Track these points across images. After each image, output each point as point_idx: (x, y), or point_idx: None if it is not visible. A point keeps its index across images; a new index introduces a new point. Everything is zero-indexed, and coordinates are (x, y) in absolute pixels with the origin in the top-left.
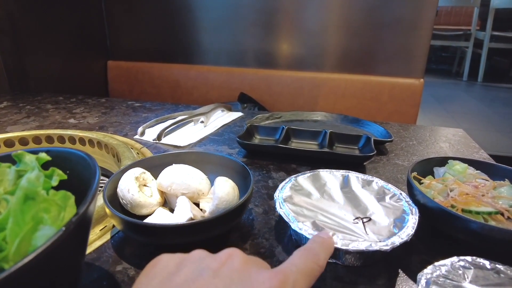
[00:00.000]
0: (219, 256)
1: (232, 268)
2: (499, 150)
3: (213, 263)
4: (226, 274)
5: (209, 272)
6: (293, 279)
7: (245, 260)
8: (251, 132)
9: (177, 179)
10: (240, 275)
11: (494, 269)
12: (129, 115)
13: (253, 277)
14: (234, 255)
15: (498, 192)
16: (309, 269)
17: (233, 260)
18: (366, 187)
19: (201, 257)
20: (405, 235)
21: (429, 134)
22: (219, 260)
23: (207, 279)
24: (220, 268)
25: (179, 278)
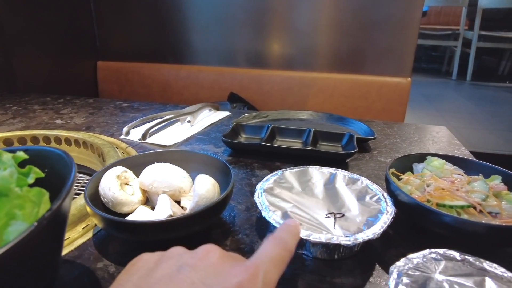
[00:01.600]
0: (197, 252)
1: (208, 263)
2: (486, 147)
3: (191, 259)
4: (202, 269)
5: (187, 267)
6: (264, 269)
7: (221, 255)
8: (237, 131)
9: (159, 177)
10: (216, 269)
11: (463, 260)
12: (117, 115)
13: (227, 271)
14: (211, 251)
15: (472, 186)
16: (278, 256)
17: (209, 256)
18: (349, 185)
19: (179, 253)
20: (371, 233)
21: (413, 132)
22: (197, 256)
23: (185, 274)
24: (197, 263)
25: (158, 273)
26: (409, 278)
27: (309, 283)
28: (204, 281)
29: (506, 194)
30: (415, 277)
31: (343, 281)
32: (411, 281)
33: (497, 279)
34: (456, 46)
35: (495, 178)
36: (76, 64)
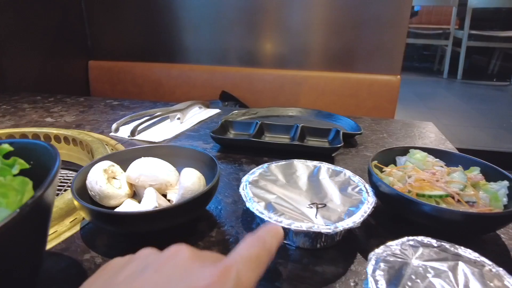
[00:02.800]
0: (165, 252)
1: (175, 264)
2: (476, 144)
3: (157, 260)
4: (167, 270)
5: (151, 269)
6: (237, 269)
7: (191, 255)
8: (226, 127)
9: (145, 171)
10: (182, 271)
11: (440, 247)
12: (107, 113)
13: (195, 273)
14: (180, 251)
15: (451, 177)
16: (255, 255)
17: (177, 256)
18: (333, 177)
19: (147, 255)
20: (351, 222)
21: (400, 128)
22: (164, 257)
23: (148, 276)
24: (163, 264)
25: (122, 276)
26: (386, 264)
27: (291, 272)
28: (168, 283)
29: (483, 185)
30: (392, 262)
31: (324, 270)
32: (388, 266)
33: (470, 263)
34: (447, 45)
35: (474, 169)
36: (67, 63)
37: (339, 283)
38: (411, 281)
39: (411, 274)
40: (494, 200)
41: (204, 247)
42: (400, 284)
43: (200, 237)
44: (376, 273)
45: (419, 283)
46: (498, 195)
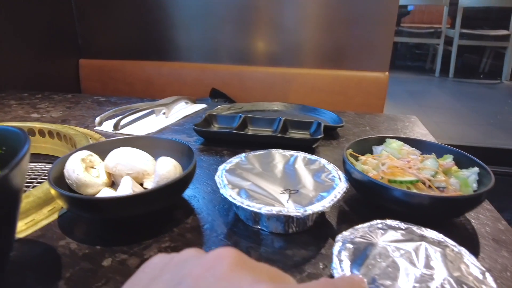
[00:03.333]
0: (206, 258)
1: (217, 275)
2: (466, 140)
3: (196, 268)
4: (208, 284)
5: (189, 282)
6: None
7: (237, 264)
8: (209, 121)
9: (122, 160)
10: (226, 285)
11: (407, 229)
12: (94, 109)
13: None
14: (224, 257)
15: (424, 164)
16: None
17: (220, 265)
18: (308, 165)
19: (187, 260)
20: (320, 206)
21: (383, 121)
22: (205, 264)
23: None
24: (203, 275)
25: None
26: (352, 245)
27: (261, 255)
28: None
29: (455, 171)
30: (358, 244)
31: (295, 253)
32: (354, 247)
33: (434, 244)
34: (439, 44)
35: (447, 157)
36: (57, 62)
37: (308, 265)
38: (375, 261)
39: (376, 255)
40: (464, 185)
41: (179, 234)
42: (364, 263)
43: (175, 224)
44: (341, 253)
45: (382, 262)
46: (468, 181)
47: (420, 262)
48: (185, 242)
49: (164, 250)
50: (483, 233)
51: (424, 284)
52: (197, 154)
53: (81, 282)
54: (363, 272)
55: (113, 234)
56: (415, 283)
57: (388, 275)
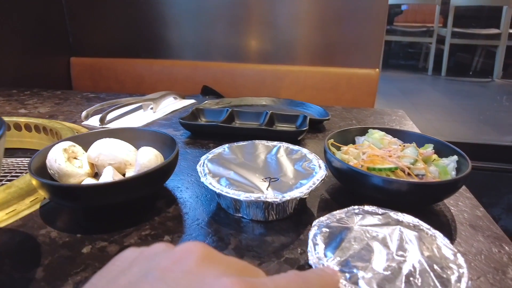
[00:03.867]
0: (175, 252)
1: (184, 269)
2: (457, 137)
3: (164, 261)
4: (174, 277)
5: (156, 274)
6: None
7: (204, 258)
8: (196, 115)
9: (105, 151)
10: (191, 279)
11: (384, 214)
12: (82, 105)
13: (208, 282)
14: (192, 252)
15: (404, 152)
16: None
17: (188, 259)
18: (289, 155)
19: (156, 253)
20: (298, 192)
21: (370, 115)
22: (173, 258)
23: (151, 282)
24: (170, 267)
25: (124, 279)
26: (328, 230)
27: (240, 241)
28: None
29: (435, 160)
30: (334, 228)
31: (274, 239)
32: (329, 231)
33: (409, 227)
34: (431, 43)
35: (428, 146)
36: (48, 60)
37: (286, 251)
38: (349, 244)
39: (351, 238)
40: (443, 173)
41: (160, 222)
42: (338, 247)
43: (157, 213)
44: (317, 237)
45: (357, 245)
46: (447, 169)
47: (394, 245)
48: (166, 230)
49: (144, 238)
50: (461, 219)
51: (396, 264)
52: (183, 147)
53: (59, 269)
54: (338, 254)
55: (94, 223)
56: (387, 263)
57: (361, 258)
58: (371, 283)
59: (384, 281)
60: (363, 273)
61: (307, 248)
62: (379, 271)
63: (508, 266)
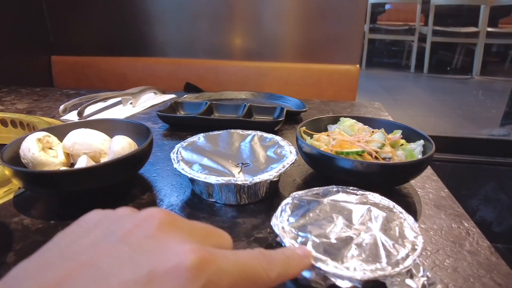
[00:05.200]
0: (138, 216)
1: (146, 233)
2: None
3: (127, 224)
4: (135, 240)
5: (118, 235)
6: (223, 267)
7: (167, 224)
8: (175, 108)
9: (79, 140)
10: (152, 243)
11: (362, 195)
12: (62, 101)
13: (169, 247)
14: (155, 217)
15: (372, 137)
16: (251, 271)
17: (151, 223)
18: (263, 142)
19: (120, 216)
20: (268, 176)
21: (346, 107)
22: (135, 221)
23: (112, 244)
24: (132, 230)
25: (86, 240)
26: (300, 201)
27: (211, 223)
28: (132, 257)
29: (403, 144)
30: (307, 200)
31: (245, 221)
32: (300, 202)
33: (381, 209)
34: (413, 41)
35: (397, 132)
36: (27, 59)
37: (256, 231)
38: (314, 214)
39: (317, 209)
40: (410, 156)
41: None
42: (303, 215)
43: (131, 200)
44: (286, 206)
45: (320, 216)
46: (414, 152)
47: (356, 220)
48: None
49: None
50: (426, 200)
51: (349, 235)
52: (161, 139)
53: (31, 253)
54: (299, 220)
55: (68, 210)
56: (341, 233)
57: (320, 226)
58: (318, 247)
59: (331, 248)
60: (315, 238)
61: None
62: (330, 238)
63: (466, 240)
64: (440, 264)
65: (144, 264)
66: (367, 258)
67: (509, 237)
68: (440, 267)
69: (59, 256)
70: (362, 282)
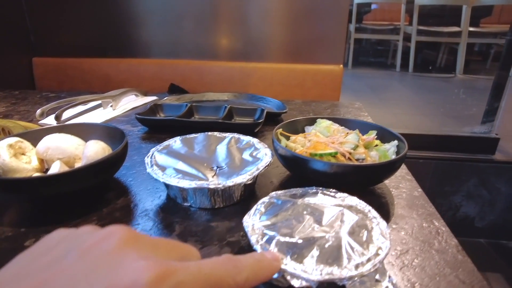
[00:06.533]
0: (98, 234)
1: (105, 249)
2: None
3: (87, 242)
4: (93, 257)
5: (77, 253)
6: (183, 279)
7: (126, 241)
8: (154, 110)
9: (53, 145)
10: (110, 260)
11: (339, 198)
12: (41, 104)
13: (125, 264)
14: (115, 234)
15: (346, 139)
16: (215, 279)
17: (110, 240)
18: (239, 145)
19: (82, 234)
20: (241, 179)
21: (327, 107)
22: (96, 238)
23: (68, 263)
24: (91, 248)
25: (45, 259)
26: (276, 200)
27: (185, 228)
28: (88, 275)
29: (377, 145)
30: (283, 200)
31: (218, 224)
32: (275, 202)
33: (355, 212)
34: (398, 40)
35: (372, 132)
36: (6, 60)
37: (229, 234)
38: (286, 213)
39: (289, 209)
40: (384, 157)
41: (108, 213)
42: (275, 214)
43: (105, 204)
44: (261, 205)
45: (291, 216)
46: (387, 153)
47: (326, 221)
48: (113, 221)
49: None
50: (399, 199)
51: (314, 236)
52: (139, 142)
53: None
54: (270, 219)
55: (40, 217)
56: (307, 234)
57: (288, 226)
58: (282, 246)
59: (294, 247)
60: (280, 237)
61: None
62: (296, 238)
63: (435, 239)
64: (409, 264)
65: (99, 283)
66: (327, 260)
67: (491, 232)
68: (409, 266)
69: (16, 275)
70: (317, 283)
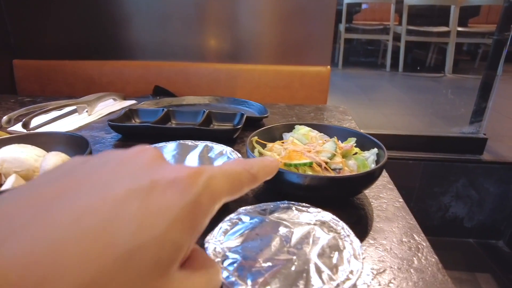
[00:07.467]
0: (129, 150)
1: (140, 160)
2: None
3: (120, 156)
4: (132, 166)
5: (114, 163)
6: (210, 174)
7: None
8: (129, 116)
9: (9, 157)
10: (147, 166)
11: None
12: (13, 110)
13: (163, 167)
14: (146, 150)
15: (323, 147)
16: (235, 171)
17: (144, 155)
18: (210, 154)
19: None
20: None
21: (311, 111)
22: (128, 154)
23: (109, 168)
24: (126, 159)
25: (84, 167)
26: (244, 216)
27: None
28: (130, 175)
29: (357, 153)
30: (251, 216)
31: None
32: (243, 218)
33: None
34: (388, 40)
35: (351, 140)
36: None
37: None
38: (252, 232)
39: (257, 228)
40: (363, 166)
41: None
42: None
43: None
44: (228, 222)
45: (257, 235)
46: (366, 162)
47: (294, 242)
48: None
49: None
50: (378, 211)
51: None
52: None
53: None
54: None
55: None
56: (273, 256)
57: (253, 248)
58: (244, 271)
59: (257, 273)
60: (243, 261)
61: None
62: (259, 262)
63: (415, 256)
64: (385, 285)
65: (145, 177)
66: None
67: (479, 232)
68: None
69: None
70: None
